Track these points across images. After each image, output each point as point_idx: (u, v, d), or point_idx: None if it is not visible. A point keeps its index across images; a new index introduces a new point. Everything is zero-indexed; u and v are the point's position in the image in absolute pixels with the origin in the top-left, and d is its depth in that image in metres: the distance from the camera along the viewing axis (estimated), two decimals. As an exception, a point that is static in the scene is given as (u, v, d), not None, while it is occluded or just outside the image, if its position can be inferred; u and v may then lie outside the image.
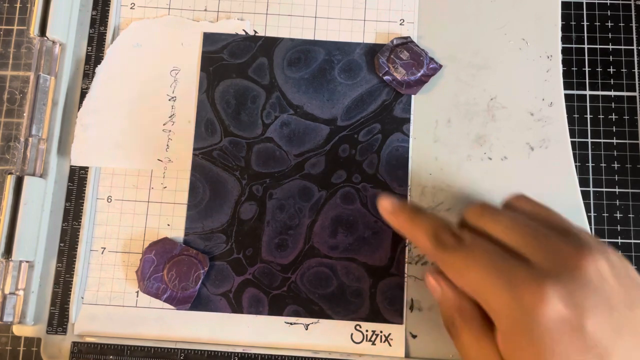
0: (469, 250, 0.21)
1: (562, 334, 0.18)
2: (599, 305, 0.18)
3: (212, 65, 0.31)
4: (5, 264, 0.28)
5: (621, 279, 0.20)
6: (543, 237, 0.21)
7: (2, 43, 0.33)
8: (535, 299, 0.18)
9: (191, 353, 0.29)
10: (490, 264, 0.20)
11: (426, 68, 0.31)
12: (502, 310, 0.20)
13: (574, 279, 0.19)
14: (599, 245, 0.21)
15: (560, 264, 0.19)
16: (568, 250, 0.20)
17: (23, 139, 0.30)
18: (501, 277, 0.20)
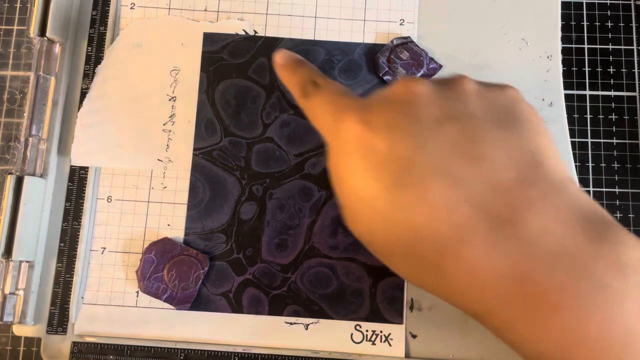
0: (318, 93, 0.24)
1: (352, 141, 0.21)
2: (393, 121, 0.20)
3: (212, 65, 0.31)
4: (5, 264, 0.28)
5: (442, 100, 0.21)
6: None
7: (2, 43, 0.33)
8: (343, 122, 0.21)
9: (191, 353, 0.29)
10: (329, 100, 0.23)
11: (426, 68, 0.31)
12: (327, 134, 0.23)
13: (376, 102, 0.22)
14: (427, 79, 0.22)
15: (381, 93, 0.22)
16: (396, 83, 0.22)
17: (23, 139, 0.30)
18: (333, 108, 0.23)
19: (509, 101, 0.22)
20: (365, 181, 0.20)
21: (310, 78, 0.25)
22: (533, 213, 0.19)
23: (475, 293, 0.19)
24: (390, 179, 0.20)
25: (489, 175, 0.19)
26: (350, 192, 0.21)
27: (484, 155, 0.20)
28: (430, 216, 0.19)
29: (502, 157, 0.20)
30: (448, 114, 0.21)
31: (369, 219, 0.21)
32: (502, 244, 0.18)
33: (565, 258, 0.18)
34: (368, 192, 0.20)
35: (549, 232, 0.18)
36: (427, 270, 0.20)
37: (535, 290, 0.18)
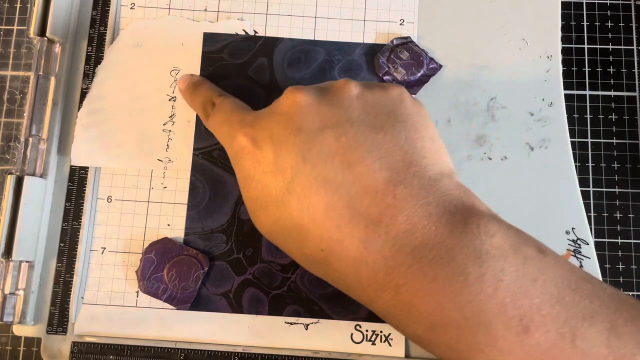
0: (216, 111, 0.26)
1: (244, 156, 0.23)
2: (276, 134, 0.22)
3: (212, 65, 0.31)
4: (5, 264, 0.28)
5: (323, 108, 0.23)
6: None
7: (2, 43, 0.33)
8: (234, 139, 0.24)
9: (191, 353, 0.29)
10: (224, 119, 0.26)
11: (426, 68, 0.31)
12: (226, 149, 0.25)
13: (263, 116, 0.24)
14: (309, 87, 0.24)
15: (269, 107, 0.24)
16: (284, 94, 0.23)
17: (23, 139, 0.30)
18: (227, 127, 0.25)
19: (390, 102, 0.23)
20: (257, 191, 0.23)
21: (209, 99, 0.28)
22: (400, 212, 0.20)
23: (358, 284, 0.21)
24: (279, 188, 0.22)
25: (362, 179, 0.21)
26: (247, 197, 0.24)
27: (358, 160, 0.21)
28: (312, 219, 0.21)
29: (375, 161, 0.21)
30: (327, 122, 0.22)
31: (266, 221, 0.23)
32: (375, 241, 0.20)
33: (429, 251, 0.20)
34: (262, 200, 0.23)
35: (414, 228, 0.20)
36: (318, 265, 0.22)
37: (402, 281, 0.20)
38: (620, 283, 0.30)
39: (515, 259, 0.20)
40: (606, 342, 0.18)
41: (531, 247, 0.20)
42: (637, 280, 0.30)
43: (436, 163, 0.22)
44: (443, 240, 0.20)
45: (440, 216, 0.20)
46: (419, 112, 0.23)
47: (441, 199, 0.21)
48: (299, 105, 0.23)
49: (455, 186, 0.22)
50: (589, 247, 0.29)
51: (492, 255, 0.19)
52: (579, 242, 0.29)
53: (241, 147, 0.23)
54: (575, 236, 0.29)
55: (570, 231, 0.29)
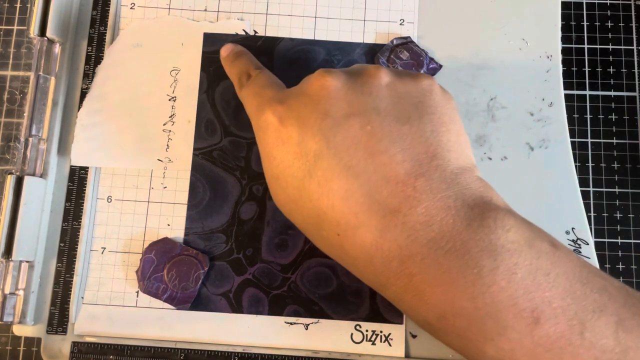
0: (249, 85, 0.26)
1: (269, 130, 0.23)
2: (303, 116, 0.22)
3: (213, 65, 0.31)
4: (5, 264, 0.28)
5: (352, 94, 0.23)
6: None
7: (2, 43, 0.33)
8: (262, 114, 0.24)
9: (191, 353, 0.29)
10: (256, 92, 0.25)
11: (426, 68, 0.31)
12: (253, 123, 0.25)
13: (292, 95, 0.23)
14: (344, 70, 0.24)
15: (299, 87, 0.24)
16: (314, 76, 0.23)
17: (23, 139, 0.30)
18: (258, 100, 0.25)
19: (420, 93, 0.23)
20: (279, 170, 0.23)
21: (246, 70, 0.28)
22: (419, 203, 0.21)
23: (371, 270, 0.22)
24: (301, 170, 0.22)
25: (384, 168, 0.21)
26: (269, 175, 0.24)
27: (381, 150, 0.21)
28: (331, 204, 0.22)
29: (398, 152, 0.21)
30: (355, 109, 0.22)
31: (285, 200, 0.24)
32: (391, 230, 0.21)
33: (445, 242, 0.20)
34: (283, 180, 0.23)
35: (432, 220, 0.20)
36: (333, 247, 0.23)
37: (415, 270, 0.20)
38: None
39: (529, 253, 0.20)
40: (614, 334, 0.19)
41: (545, 241, 0.21)
42: (637, 280, 0.30)
43: (459, 157, 0.22)
44: (459, 232, 0.20)
45: (458, 209, 0.21)
46: (447, 104, 0.23)
47: (461, 192, 0.21)
48: (328, 90, 0.23)
49: (475, 180, 0.22)
50: (589, 247, 0.29)
51: (507, 249, 0.20)
52: (579, 242, 0.29)
53: (268, 123, 0.23)
54: (575, 236, 0.29)
55: (570, 231, 0.29)
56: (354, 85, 0.23)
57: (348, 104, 0.22)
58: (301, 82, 0.24)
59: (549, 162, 0.30)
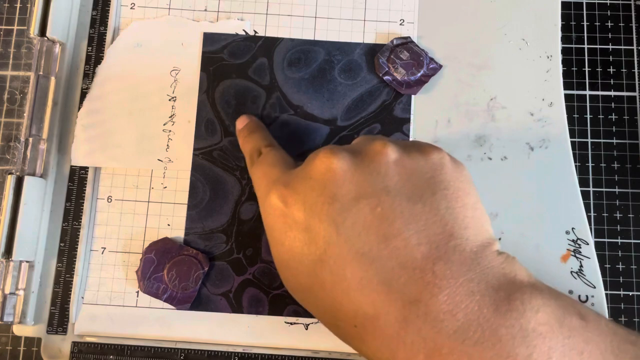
0: (259, 163, 0.26)
1: (275, 215, 0.23)
2: (310, 201, 0.21)
3: (212, 65, 0.31)
4: (5, 264, 0.28)
5: (360, 175, 0.22)
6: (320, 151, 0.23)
7: (2, 43, 0.33)
8: (268, 197, 0.23)
9: (191, 353, 0.29)
10: (264, 171, 0.25)
11: (426, 68, 0.31)
12: (260, 203, 0.25)
13: (298, 178, 0.23)
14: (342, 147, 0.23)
15: (304, 169, 0.23)
16: (315, 157, 0.22)
17: (23, 139, 0.30)
18: (265, 181, 0.24)
19: (430, 168, 0.22)
20: (288, 256, 0.22)
21: (257, 147, 0.27)
22: (440, 291, 0.19)
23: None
24: (311, 258, 0.21)
25: (399, 253, 0.20)
26: (279, 261, 0.23)
27: (395, 233, 0.20)
28: (346, 294, 0.20)
29: (413, 234, 0.20)
30: (363, 191, 0.21)
31: (297, 288, 0.23)
32: (413, 321, 0.19)
33: (472, 332, 0.19)
34: (293, 267, 0.22)
35: (456, 308, 0.19)
36: (352, 339, 0.21)
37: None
38: (620, 283, 0.30)
39: (560, 334, 0.19)
40: None
41: (574, 315, 0.20)
42: (637, 280, 0.30)
43: (477, 233, 0.21)
44: (487, 320, 0.19)
45: (482, 294, 0.19)
46: (459, 177, 0.22)
47: (483, 273, 0.20)
48: (334, 172, 0.21)
49: (496, 256, 0.21)
50: (589, 247, 0.29)
51: (539, 332, 0.19)
52: (579, 242, 0.29)
53: (273, 207, 0.23)
54: (575, 236, 0.29)
55: (570, 231, 0.29)
56: (361, 165, 0.22)
57: (356, 186, 0.21)
58: (305, 161, 0.23)
59: (549, 162, 0.30)
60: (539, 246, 0.29)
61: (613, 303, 0.30)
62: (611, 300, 0.30)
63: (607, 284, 0.30)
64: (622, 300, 0.30)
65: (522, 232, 0.29)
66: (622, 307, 0.30)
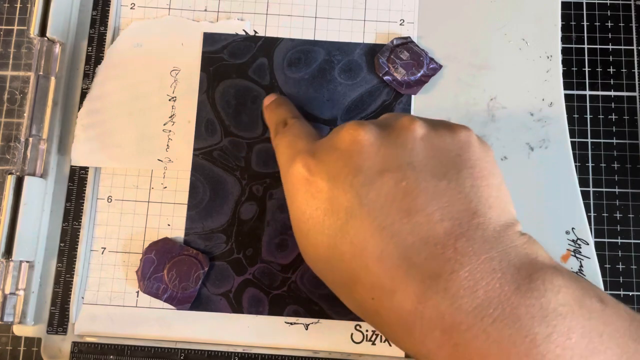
0: (283, 133, 0.26)
1: (299, 184, 0.22)
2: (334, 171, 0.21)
3: (212, 65, 0.31)
4: (5, 264, 0.28)
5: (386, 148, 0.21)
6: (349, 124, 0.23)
7: (2, 43, 0.33)
8: (292, 166, 0.23)
9: (191, 353, 0.29)
10: (290, 141, 0.25)
11: (426, 68, 0.31)
12: (282, 172, 0.25)
13: (324, 148, 0.23)
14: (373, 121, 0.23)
15: (330, 139, 0.23)
16: (342, 129, 0.22)
17: (23, 139, 0.30)
18: (290, 150, 0.24)
19: (457, 146, 0.22)
20: (309, 225, 0.22)
21: (283, 118, 0.27)
22: (461, 267, 0.19)
23: (410, 339, 0.20)
24: (332, 228, 0.21)
25: (421, 228, 0.20)
26: (298, 231, 0.23)
27: (418, 208, 0.20)
28: (365, 265, 0.20)
29: (436, 210, 0.20)
30: (389, 165, 0.21)
31: (315, 258, 0.22)
32: (432, 296, 0.19)
33: (492, 309, 0.19)
34: (313, 237, 0.22)
35: (477, 285, 0.19)
36: (367, 312, 0.21)
37: (461, 340, 0.19)
38: (620, 283, 0.30)
39: (581, 315, 0.19)
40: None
41: (594, 298, 0.20)
42: (637, 280, 0.30)
43: (501, 213, 0.21)
44: (508, 298, 0.19)
45: (504, 272, 0.19)
46: (486, 157, 0.22)
47: (505, 252, 0.20)
48: (361, 144, 0.21)
49: (519, 236, 0.21)
50: (589, 247, 0.29)
51: (559, 312, 0.19)
52: (579, 242, 0.29)
53: (298, 175, 0.22)
54: (575, 236, 0.29)
55: (570, 231, 0.29)
56: (388, 139, 0.22)
57: (381, 159, 0.21)
58: (332, 132, 0.23)
59: (549, 162, 0.30)
60: (539, 246, 0.29)
61: (613, 303, 0.30)
62: (611, 300, 0.30)
63: (607, 284, 0.30)
64: (622, 300, 0.30)
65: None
66: (622, 307, 0.30)
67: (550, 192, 0.30)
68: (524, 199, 0.30)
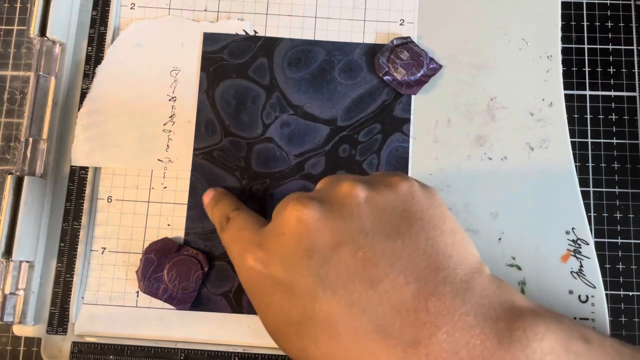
0: (228, 228, 0.25)
1: (254, 280, 0.22)
2: (287, 257, 0.21)
3: (212, 65, 0.31)
4: (5, 264, 0.28)
5: (332, 221, 0.21)
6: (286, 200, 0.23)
7: (2, 43, 0.33)
8: (244, 261, 0.22)
9: (191, 353, 0.29)
10: (235, 235, 0.24)
11: (426, 68, 0.31)
12: (236, 268, 0.24)
13: (270, 236, 0.22)
14: (306, 196, 0.22)
15: (274, 225, 0.22)
16: (284, 210, 0.22)
17: (23, 139, 0.30)
18: (237, 245, 0.24)
19: (401, 200, 0.21)
20: (277, 319, 0.21)
21: (225, 213, 0.26)
22: (438, 329, 0.19)
23: None
24: (298, 316, 0.20)
25: (389, 296, 0.19)
26: (268, 326, 0.22)
27: (381, 276, 0.20)
28: (344, 349, 0.20)
29: (399, 274, 0.20)
30: (340, 238, 0.20)
31: (289, 349, 0.22)
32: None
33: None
34: (283, 330, 0.21)
35: (458, 345, 0.18)
36: None
37: None
38: (620, 283, 0.30)
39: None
40: None
41: (578, 340, 0.20)
42: (637, 280, 0.30)
43: (463, 260, 0.21)
44: (492, 354, 0.18)
45: (482, 327, 0.19)
46: (432, 203, 0.22)
47: (479, 304, 0.19)
48: (306, 223, 0.21)
49: (489, 284, 0.20)
50: (589, 247, 0.29)
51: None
52: (579, 242, 0.29)
53: (251, 271, 0.22)
54: (575, 236, 0.29)
55: (570, 231, 0.29)
56: (332, 211, 0.21)
57: (332, 234, 0.20)
58: (274, 216, 0.23)
59: (549, 162, 0.30)
60: (539, 246, 0.29)
61: (613, 303, 0.30)
62: (611, 300, 0.30)
63: (607, 284, 0.30)
64: (622, 300, 0.30)
65: (522, 232, 0.29)
66: (622, 307, 0.30)
67: (550, 192, 0.30)
68: (524, 199, 0.30)
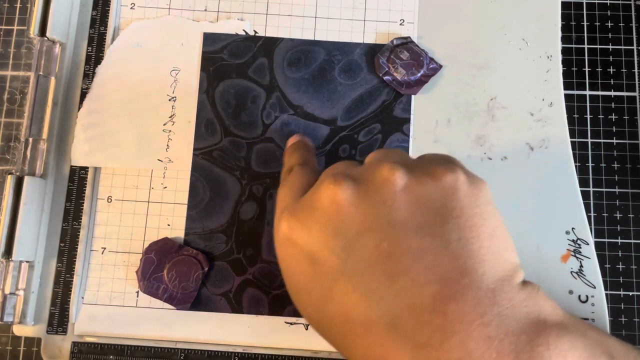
0: (284, 181, 0.25)
1: (285, 245, 0.22)
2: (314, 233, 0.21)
3: (212, 65, 0.31)
4: (5, 264, 0.28)
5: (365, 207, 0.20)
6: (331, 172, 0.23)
7: (2, 43, 0.33)
8: (278, 223, 0.22)
9: (191, 353, 0.29)
10: (284, 192, 0.24)
11: (426, 68, 0.31)
12: (274, 222, 0.24)
13: (304, 208, 0.22)
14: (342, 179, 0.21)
15: (311, 198, 0.22)
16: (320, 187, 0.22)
17: (23, 139, 0.30)
18: (281, 203, 0.24)
19: (441, 195, 0.20)
20: (298, 287, 0.22)
21: (291, 165, 0.26)
22: (452, 335, 0.18)
23: None
24: (318, 293, 0.20)
25: (406, 293, 0.19)
26: (292, 290, 0.23)
27: (402, 271, 0.19)
28: (355, 334, 0.19)
29: (421, 272, 0.19)
30: (367, 225, 0.20)
31: (309, 319, 0.22)
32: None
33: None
34: (303, 300, 0.22)
35: (471, 356, 0.17)
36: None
37: None
38: (620, 283, 0.30)
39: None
40: None
41: (602, 356, 0.19)
42: (637, 280, 0.30)
43: (495, 266, 0.19)
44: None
45: (501, 340, 0.17)
46: (476, 200, 0.20)
47: (502, 315, 0.18)
48: (338, 205, 0.20)
49: (517, 293, 0.19)
50: (589, 247, 0.29)
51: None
52: (579, 242, 0.29)
53: (282, 235, 0.22)
54: (575, 236, 0.29)
55: (570, 231, 0.29)
56: (366, 196, 0.20)
57: (360, 219, 0.20)
58: (312, 189, 0.22)
59: (549, 162, 0.30)
60: (539, 246, 0.29)
61: (613, 303, 0.30)
62: (611, 300, 0.30)
63: (607, 284, 0.30)
64: (622, 300, 0.30)
65: (522, 232, 0.29)
66: (622, 307, 0.30)
67: (550, 192, 0.30)
68: (524, 199, 0.30)
